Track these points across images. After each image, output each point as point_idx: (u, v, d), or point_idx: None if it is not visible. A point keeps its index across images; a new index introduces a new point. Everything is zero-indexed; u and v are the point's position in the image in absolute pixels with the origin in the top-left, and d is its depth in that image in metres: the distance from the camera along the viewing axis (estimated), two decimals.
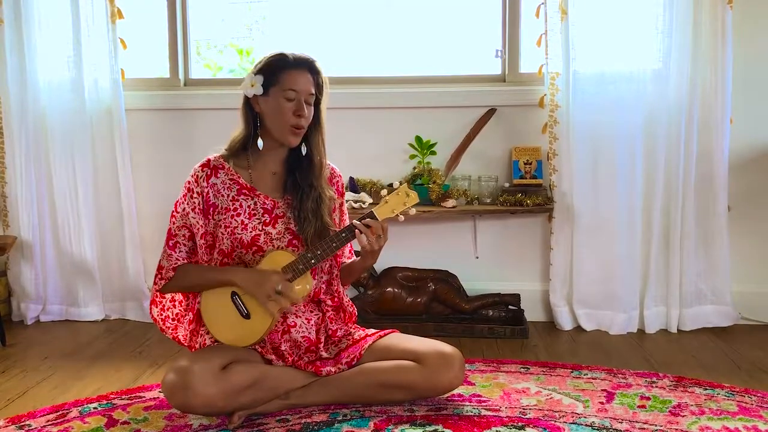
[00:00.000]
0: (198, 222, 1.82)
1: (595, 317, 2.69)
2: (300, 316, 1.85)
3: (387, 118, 2.86)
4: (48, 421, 1.79)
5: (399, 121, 2.85)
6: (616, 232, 2.64)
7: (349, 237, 1.79)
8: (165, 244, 1.85)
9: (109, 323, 2.86)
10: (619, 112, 2.61)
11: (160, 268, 1.85)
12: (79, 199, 2.82)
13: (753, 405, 1.84)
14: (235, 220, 1.81)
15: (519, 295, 2.74)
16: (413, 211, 1.80)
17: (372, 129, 2.87)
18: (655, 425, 1.72)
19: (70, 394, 2.02)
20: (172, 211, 1.86)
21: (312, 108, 1.82)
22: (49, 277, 2.90)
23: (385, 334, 1.89)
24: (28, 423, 1.77)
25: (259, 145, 1.83)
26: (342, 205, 1.99)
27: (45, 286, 2.89)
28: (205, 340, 1.85)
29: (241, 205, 1.82)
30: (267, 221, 1.83)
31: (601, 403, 1.86)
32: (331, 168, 1.97)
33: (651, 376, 2.08)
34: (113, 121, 2.80)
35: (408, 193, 1.78)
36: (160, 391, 1.96)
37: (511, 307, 2.75)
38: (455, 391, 1.90)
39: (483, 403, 1.87)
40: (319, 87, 1.83)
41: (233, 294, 1.78)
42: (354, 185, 2.76)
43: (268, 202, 1.85)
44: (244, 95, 1.83)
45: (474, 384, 2.02)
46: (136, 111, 2.88)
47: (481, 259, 2.87)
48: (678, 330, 2.64)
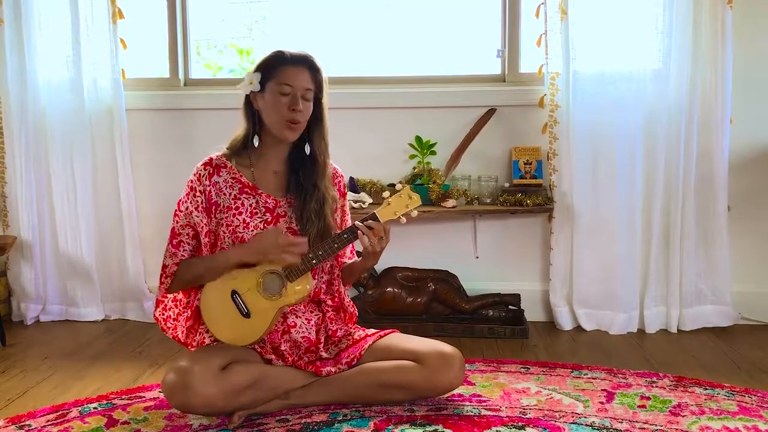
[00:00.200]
0: (201, 220, 1.82)
1: (595, 317, 2.69)
2: (300, 317, 1.85)
3: (387, 118, 2.86)
4: (48, 421, 1.79)
5: (399, 121, 2.85)
6: (616, 232, 2.64)
7: (351, 238, 1.79)
8: (168, 243, 1.85)
9: (109, 323, 2.86)
10: (619, 112, 2.61)
11: (165, 267, 1.85)
12: (78, 199, 2.82)
13: (753, 405, 1.84)
14: (236, 219, 1.81)
15: (519, 295, 2.74)
16: (415, 213, 1.80)
17: (372, 129, 2.87)
18: (655, 425, 1.72)
19: (70, 394, 2.02)
20: (175, 210, 1.86)
21: (310, 104, 1.82)
22: (49, 277, 2.90)
23: (385, 334, 1.89)
24: (28, 423, 1.77)
25: (255, 143, 1.83)
26: (344, 205, 1.99)
27: (45, 286, 2.89)
28: (205, 339, 1.85)
29: (242, 204, 1.82)
30: (269, 220, 1.83)
31: (601, 403, 1.86)
32: (334, 168, 1.96)
33: (651, 376, 2.08)
34: (113, 121, 2.80)
35: (411, 195, 1.78)
36: (160, 391, 1.96)
37: (511, 307, 2.75)
38: (455, 391, 1.90)
39: (483, 403, 1.87)
40: (318, 84, 1.83)
41: (233, 293, 1.78)
42: (354, 185, 2.76)
43: (269, 201, 1.85)
44: (245, 94, 1.83)
45: (474, 384, 2.02)
46: (135, 111, 2.88)
47: (481, 259, 2.87)
48: (678, 330, 2.64)
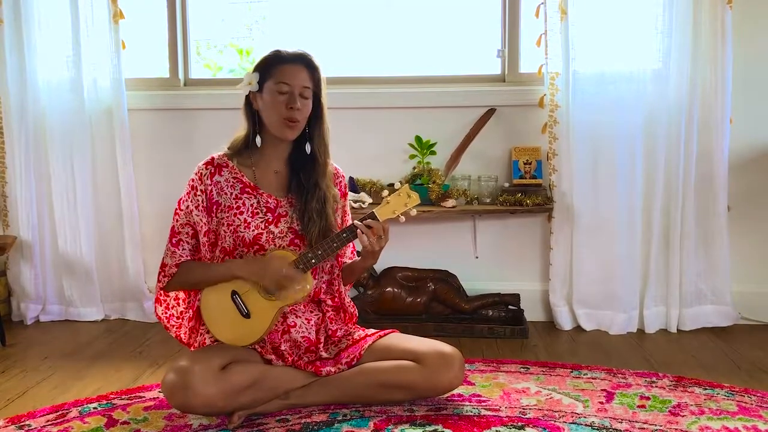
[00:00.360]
0: (201, 220, 1.82)
1: (595, 317, 2.69)
2: (300, 316, 1.85)
3: (387, 118, 2.86)
4: (48, 421, 1.79)
5: (399, 121, 2.85)
6: (616, 232, 2.64)
7: (350, 237, 1.79)
8: (168, 242, 1.85)
9: (108, 323, 2.86)
10: (619, 112, 2.60)
11: (164, 265, 1.85)
12: (78, 199, 2.82)
13: (753, 405, 1.84)
14: (237, 219, 1.81)
15: (519, 295, 2.74)
16: (414, 212, 1.80)
17: (372, 129, 2.87)
18: (655, 425, 1.71)
19: (70, 394, 2.02)
20: (176, 209, 1.86)
21: (309, 102, 1.81)
22: (49, 277, 2.90)
23: (385, 334, 1.89)
24: (27, 423, 1.77)
25: (257, 143, 1.83)
26: (345, 206, 1.99)
27: (45, 286, 2.89)
28: (205, 339, 1.85)
29: (244, 204, 1.82)
30: (270, 220, 1.83)
31: (601, 402, 1.86)
32: (335, 168, 1.96)
33: (651, 375, 2.08)
34: (114, 120, 2.80)
35: (409, 194, 1.78)
36: (159, 391, 1.96)
37: (510, 307, 2.75)
38: (455, 391, 1.90)
39: (483, 403, 1.87)
40: (316, 82, 1.82)
41: (233, 293, 1.78)
42: (354, 185, 2.76)
43: (271, 201, 1.85)
44: (246, 95, 1.84)
45: (474, 384, 2.02)
46: (135, 111, 2.88)
47: (481, 259, 2.87)
48: (678, 330, 2.64)
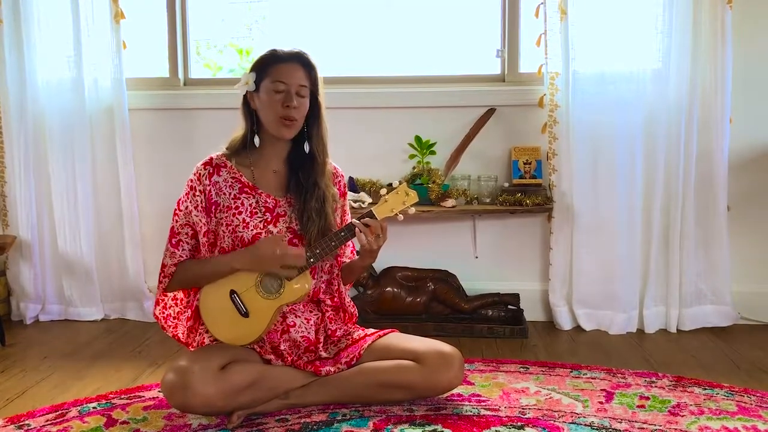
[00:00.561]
0: (200, 220, 1.82)
1: (595, 317, 2.69)
2: (299, 316, 1.85)
3: (386, 118, 2.86)
4: (47, 420, 1.79)
5: (398, 120, 2.85)
6: (615, 232, 2.64)
7: (348, 236, 1.79)
8: (168, 242, 1.85)
9: (108, 323, 2.86)
10: (618, 112, 2.60)
11: (163, 266, 1.85)
12: (78, 198, 2.82)
13: (752, 405, 1.84)
14: (236, 219, 1.81)
15: (518, 294, 2.74)
16: (412, 210, 1.80)
17: (372, 129, 2.87)
18: (655, 425, 1.71)
19: (70, 393, 2.02)
20: (175, 209, 1.86)
21: (306, 101, 1.81)
22: (49, 276, 2.90)
23: (385, 334, 1.89)
24: (27, 423, 1.77)
25: (256, 142, 1.83)
26: (344, 205, 1.99)
27: (44, 286, 2.89)
28: (204, 339, 1.85)
29: (242, 204, 1.82)
30: (268, 220, 1.83)
31: (601, 402, 1.86)
32: (334, 167, 1.96)
33: (650, 375, 2.08)
34: (114, 120, 2.80)
35: (407, 192, 1.78)
36: (159, 391, 1.96)
37: (510, 306, 2.75)
38: (454, 391, 1.90)
39: (482, 403, 1.87)
40: (313, 81, 1.82)
41: (232, 292, 1.78)
42: (353, 185, 2.76)
43: (269, 201, 1.84)
44: (244, 95, 1.84)
45: (473, 384, 2.02)
46: (135, 110, 2.87)
47: (481, 258, 2.87)
48: (677, 330, 2.64)
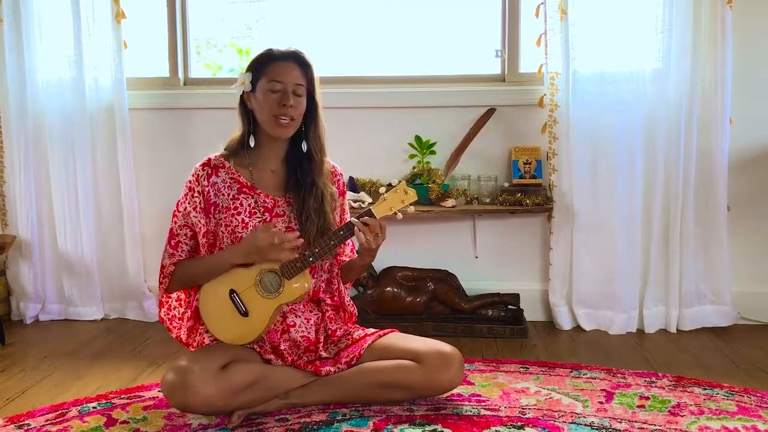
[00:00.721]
0: (200, 221, 1.82)
1: (595, 317, 2.69)
2: (299, 316, 1.85)
3: (387, 118, 2.86)
4: (47, 420, 1.79)
5: (399, 120, 2.85)
6: (615, 232, 2.64)
7: (347, 235, 1.78)
8: (167, 243, 1.85)
9: (108, 323, 2.86)
10: (618, 112, 2.60)
11: (163, 267, 1.85)
12: (78, 198, 2.82)
13: (752, 405, 1.84)
14: (235, 219, 1.81)
15: (518, 294, 2.74)
16: (412, 209, 1.79)
17: (372, 129, 2.87)
18: (655, 425, 1.71)
19: (70, 393, 2.02)
20: (174, 211, 1.86)
21: (302, 100, 1.81)
22: (48, 276, 2.90)
23: (385, 334, 1.89)
24: (27, 422, 1.77)
25: (251, 143, 1.83)
26: (343, 204, 1.99)
27: (44, 286, 2.89)
28: (204, 339, 1.84)
29: (241, 204, 1.82)
30: (267, 219, 1.83)
31: (601, 402, 1.86)
32: (333, 166, 1.96)
33: (650, 375, 2.08)
34: (115, 120, 2.80)
35: (406, 190, 1.78)
36: (159, 391, 1.95)
37: (510, 306, 2.75)
38: (454, 391, 1.90)
39: (482, 403, 1.87)
40: (309, 79, 1.82)
41: (231, 292, 1.78)
42: (354, 185, 2.76)
43: (268, 201, 1.84)
44: (240, 95, 1.84)
45: (473, 384, 2.02)
46: (135, 110, 2.87)
47: (481, 258, 2.87)
48: (677, 330, 2.64)
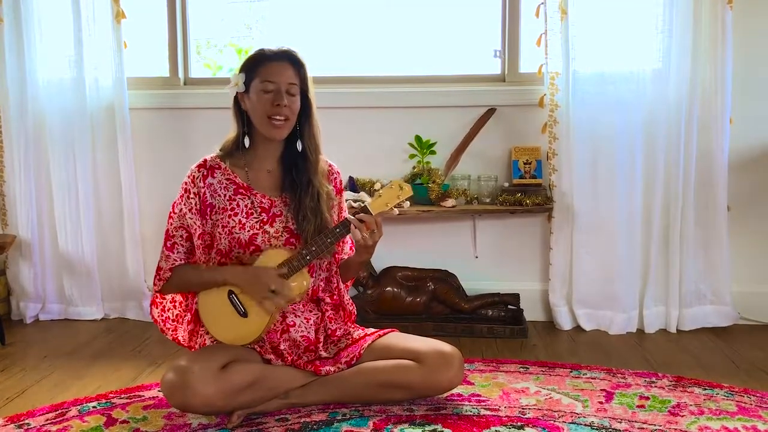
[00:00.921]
0: (195, 222, 1.81)
1: (595, 317, 2.69)
2: (299, 316, 1.85)
3: (387, 118, 2.86)
4: (47, 420, 1.79)
5: (399, 120, 2.84)
6: (615, 232, 2.64)
7: (344, 232, 1.78)
8: (163, 245, 1.85)
9: (108, 322, 2.86)
10: (618, 112, 2.60)
11: (159, 269, 1.85)
12: (79, 198, 2.82)
13: (752, 405, 1.84)
14: (232, 220, 1.81)
15: (518, 294, 2.74)
16: (407, 204, 1.79)
17: (372, 128, 2.87)
18: (654, 425, 1.72)
19: (70, 393, 2.02)
20: (170, 212, 1.86)
21: (296, 99, 1.80)
22: (48, 275, 2.90)
23: (385, 334, 1.89)
24: (27, 422, 1.77)
25: (246, 143, 1.82)
26: (341, 202, 1.98)
27: (44, 285, 2.89)
28: (205, 340, 1.85)
29: (238, 205, 1.82)
30: (265, 220, 1.83)
31: (600, 402, 1.86)
32: (329, 164, 1.96)
33: (650, 375, 2.08)
34: (116, 120, 2.79)
35: (401, 186, 1.77)
36: (159, 391, 1.95)
37: (510, 306, 2.75)
38: (454, 391, 1.90)
39: (482, 403, 1.87)
40: (302, 79, 1.81)
41: (230, 293, 1.78)
42: (354, 185, 2.76)
43: (265, 201, 1.84)
44: (234, 95, 1.83)
45: (473, 384, 2.02)
46: (135, 110, 2.87)
47: (481, 258, 2.87)
48: (677, 330, 2.64)
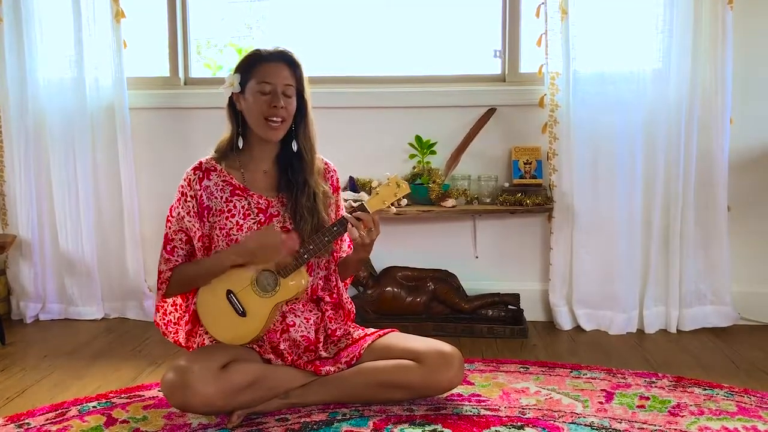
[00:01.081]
0: (194, 225, 1.81)
1: (595, 317, 2.69)
2: (299, 316, 1.85)
3: (387, 118, 2.86)
4: (47, 419, 1.79)
5: (399, 120, 2.84)
6: (616, 232, 2.64)
7: (341, 230, 1.78)
8: (162, 249, 1.85)
9: (108, 322, 2.86)
10: (619, 112, 2.60)
11: (160, 273, 1.85)
12: (79, 197, 2.82)
13: (752, 405, 1.84)
14: (230, 222, 1.80)
15: (518, 294, 2.74)
16: (405, 201, 1.79)
17: (372, 128, 2.86)
18: (655, 425, 1.72)
19: (70, 392, 2.02)
20: (168, 216, 1.86)
21: (293, 101, 1.80)
22: (49, 275, 2.90)
23: (385, 334, 1.89)
24: (27, 421, 1.77)
25: (239, 144, 1.82)
26: (338, 200, 1.98)
27: (44, 285, 2.89)
28: (204, 341, 1.84)
29: (235, 206, 1.82)
30: (262, 221, 1.83)
31: (601, 403, 1.86)
32: (325, 163, 1.95)
33: (650, 376, 2.08)
34: (115, 119, 2.80)
35: (399, 183, 1.78)
36: (159, 390, 1.96)
37: (510, 306, 2.75)
38: (454, 391, 1.90)
39: (482, 403, 1.87)
40: (298, 79, 1.81)
41: (228, 292, 1.78)
42: (354, 185, 2.75)
43: (262, 202, 1.84)
44: (229, 96, 1.83)
45: (473, 384, 2.02)
46: (136, 110, 2.87)
47: (481, 258, 2.87)
48: (677, 330, 2.64)
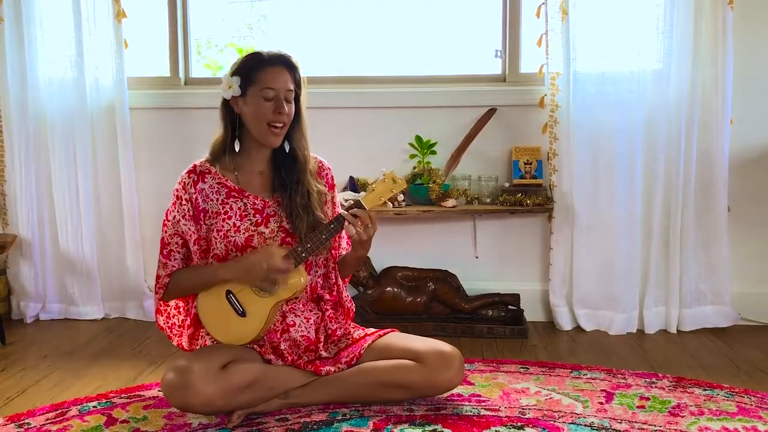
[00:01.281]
0: (190, 229, 1.81)
1: (595, 317, 2.69)
2: (299, 315, 1.85)
3: (387, 118, 2.86)
4: (47, 419, 1.79)
5: (399, 120, 2.85)
6: (616, 232, 2.64)
7: (338, 228, 1.78)
8: (159, 253, 1.85)
9: (108, 322, 2.86)
10: (619, 112, 2.60)
11: (158, 277, 1.85)
12: (79, 197, 2.82)
13: (752, 405, 1.84)
14: (227, 224, 1.80)
15: (519, 295, 2.74)
16: (402, 197, 1.79)
17: (372, 128, 2.87)
18: (655, 425, 1.72)
19: (70, 392, 2.02)
20: (164, 220, 1.86)
21: (293, 105, 1.81)
22: (49, 275, 2.90)
23: (385, 334, 1.89)
24: (27, 421, 1.78)
25: (236, 148, 1.82)
26: (334, 197, 1.98)
27: (44, 285, 2.89)
28: (206, 341, 1.85)
29: (231, 208, 1.82)
30: (259, 221, 1.83)
31: (601, 403, 1.86)
32: (319, 161, 1.95)
33: (650, 376, 2.08)
34: (116, 119, 2.80)
35: (395, 179, 1.77)
36: (159, 390, 1.96)
37: (510, 307, 2.75)
38: (454, 391, 1.90)
39: (482, 403, 1.87)
40: (297, 83, 1.81)
41: (228, 293, 1.78)
42: (354, 185, 2.75)
43: (258, 202, 1.84)
44: (223, 97, 1.81)
45: (473, 384, 2.02)
46: (136, 110, 2.87)
47: (481, 258, 2.87)
48: (678, 330, 2.64)
